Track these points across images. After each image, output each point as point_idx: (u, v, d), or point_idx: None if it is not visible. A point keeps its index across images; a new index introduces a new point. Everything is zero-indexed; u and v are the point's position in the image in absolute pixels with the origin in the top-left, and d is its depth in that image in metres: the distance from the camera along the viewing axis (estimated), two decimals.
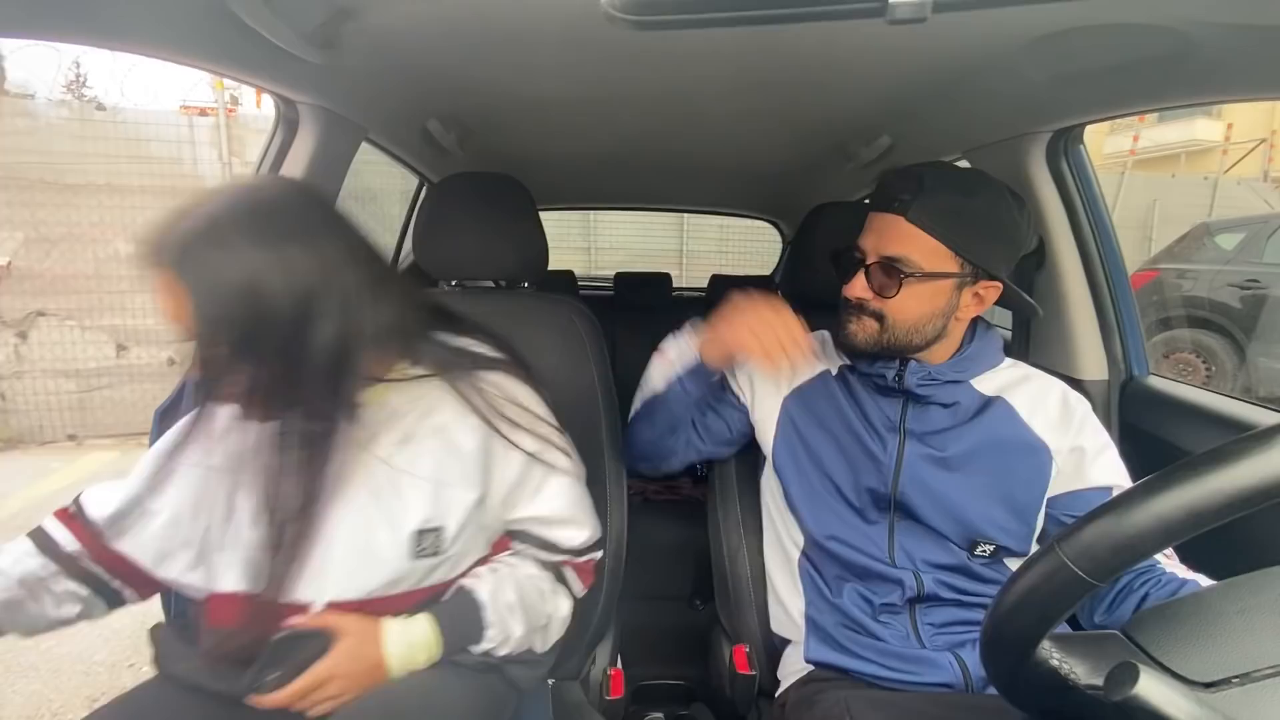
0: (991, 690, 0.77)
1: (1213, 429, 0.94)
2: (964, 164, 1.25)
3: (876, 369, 0.89)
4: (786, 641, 0.96)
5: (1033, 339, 1.20)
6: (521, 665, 0.81)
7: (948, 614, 0.86)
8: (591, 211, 5.45)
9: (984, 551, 0.85)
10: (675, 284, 2.59)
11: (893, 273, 0.80)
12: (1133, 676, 0.36)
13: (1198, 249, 4.62)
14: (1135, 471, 0.85)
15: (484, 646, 0.74)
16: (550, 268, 1.46)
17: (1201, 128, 9.72)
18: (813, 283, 1.14)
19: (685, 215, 5.49)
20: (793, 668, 0.92)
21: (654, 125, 1.30)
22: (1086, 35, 0.75)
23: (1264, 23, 0.64)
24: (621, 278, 2.56)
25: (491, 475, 0.76)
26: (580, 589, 0.86)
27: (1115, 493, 0.82)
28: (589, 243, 5.84)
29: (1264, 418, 0.91)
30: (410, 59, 0.94)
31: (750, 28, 0.79)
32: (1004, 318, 1.34)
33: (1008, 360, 0.92)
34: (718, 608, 1.11)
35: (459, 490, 0.74)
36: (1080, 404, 0.88)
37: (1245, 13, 0.64)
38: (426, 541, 0.72)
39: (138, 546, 0.73)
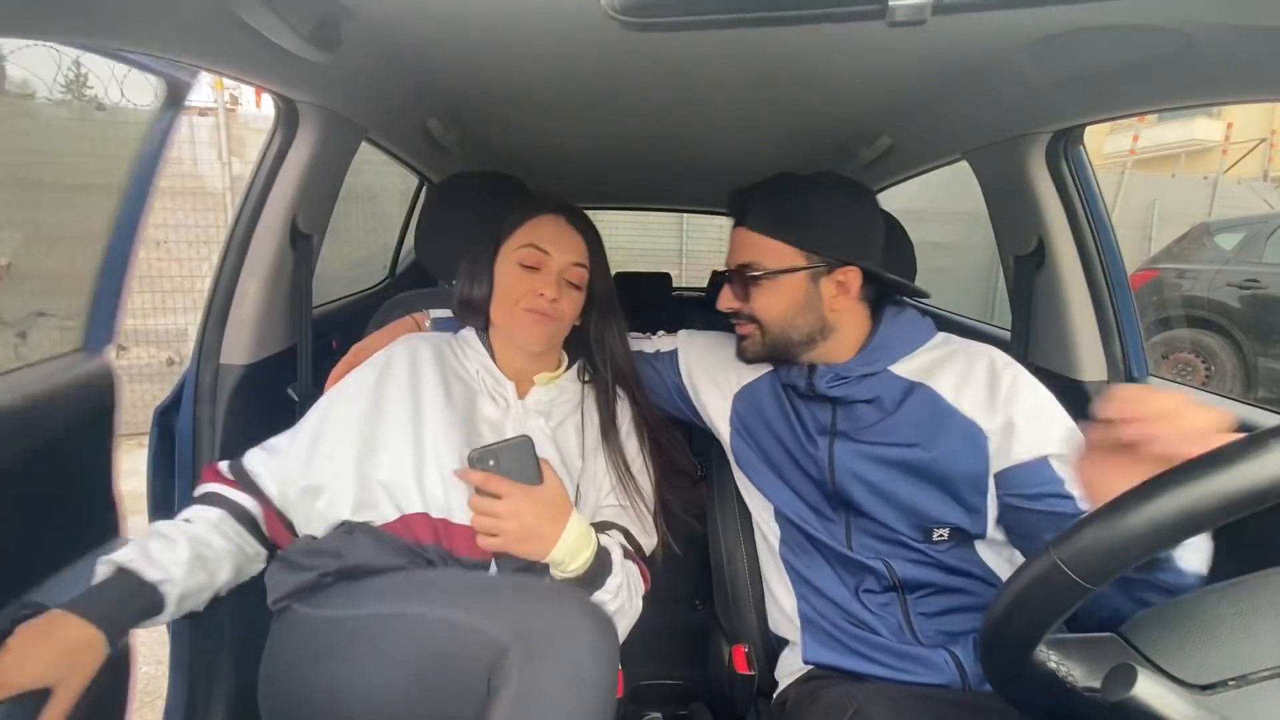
0: (988, 687, 0.77)
1: None
2: (964, 164, 1.25)
3: (792, 378, 0.92)
4: (785, 642, 0.96)
5: (1032, 339, 1.20)
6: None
7: (937, 603, 0.86)
8: (591, 211, 5.44)
9: (941, 537, 0.84)
10: (675, 284, 2.59)
11: (744, 277, 0.88)
12: (1130, 679, 0.36)
13: (1197, 249, 4.61)
14: None
15: (603, 596, 0.78)
16: None
17: (1201, 128, 9.72)
18: None
19: (685, 215, 5.49)
20: (791, 668, 0.92)
21: (654, 125, 1.30)
22: (1087, 36, 0.75)
23: (1265, 23, 0.64)
24: (621, 278, 2.56)
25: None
26: (643, 591, 0.88)
27: (1054, 462, 0.78)
28: None
29: (1263, 419, 0.91)
30: (410, 58, 0.94)
31: (750, 29, 0.79)
32: (1004, 318, 1.34)
33: (938, 338, 0.91)
34: (716, 608, 1.11)
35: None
36: (1008, 371, 0.85)
37: (1246, 14, 0.64)
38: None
39: (321, 491, 0.81)
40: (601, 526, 0.87)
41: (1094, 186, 1.12)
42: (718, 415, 1.02)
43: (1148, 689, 0.36)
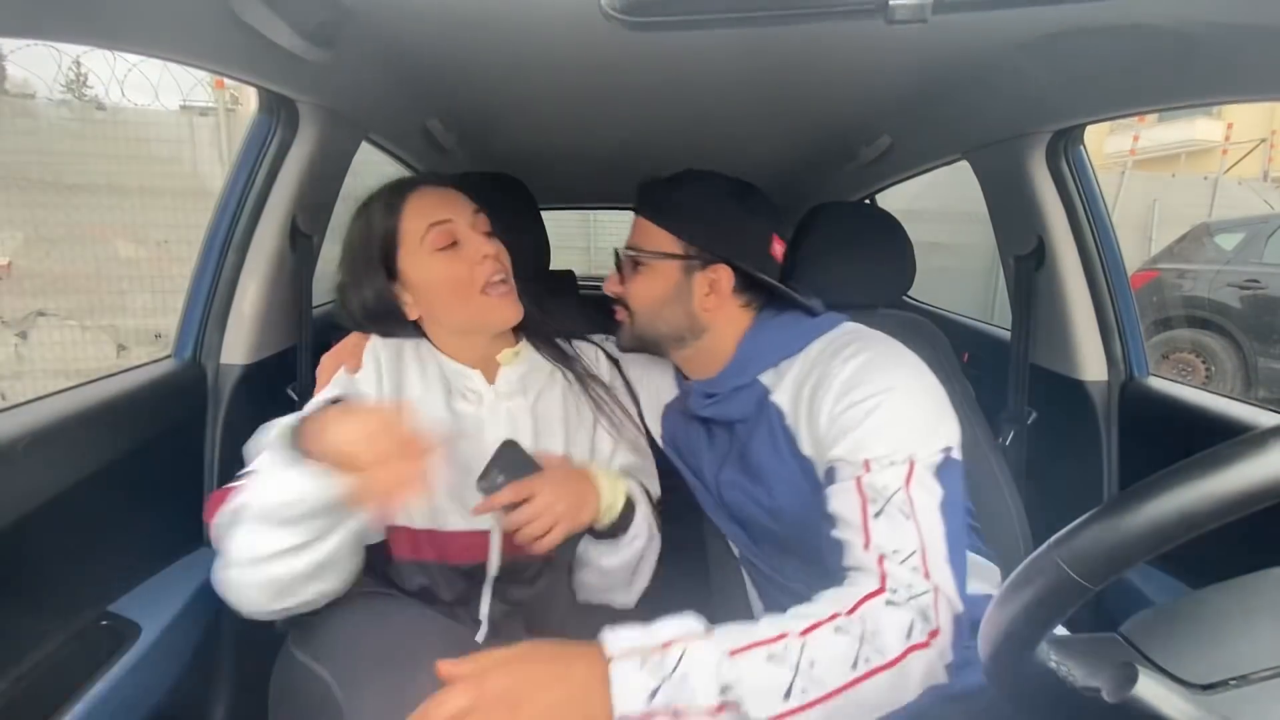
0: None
1: (1212, 430, 0.94)
2: (964, 164, 1.25)
3: (679, 397, 0.91)
4: None
5: (1032, 339, 1.19)
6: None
7: None
8: (591, 211, 5.45)
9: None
10: None
11: (627, 260, 0.88)
12: (1131, 678, 0.36)
13: (1198, 249, 4.62)
14: (1134, 473, 0.85)
15: (632, 532, 0.82)
16: (550, 267, 1.46)
17: (1201, 128, 9.71)
18: (812, 283, 1.14)
19: None
20: None
21: (653, 125, 1.30)
22: (1087, 36, 0.75)
23: (1265, 23, 0.64)
24: None
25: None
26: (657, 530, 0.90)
27: (838, 469, 0.68)
28: (589, 243, 5.83)
29: (1264, 419, 0.91)
30: (410, 58, 0.94)
31: (749, 28, 0.79)
32: (1004, 318, 1.34)
33: (836, 331, 0.81)
34: (715, 606, 1.11)
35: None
36: (845, 353, 0.73)
37: (1246, 13, 0.64)
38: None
39: None
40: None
41: (1094, 186, 1.11)
42: (654, 429, 1.00)
43: (1148, 689, 0.36)
